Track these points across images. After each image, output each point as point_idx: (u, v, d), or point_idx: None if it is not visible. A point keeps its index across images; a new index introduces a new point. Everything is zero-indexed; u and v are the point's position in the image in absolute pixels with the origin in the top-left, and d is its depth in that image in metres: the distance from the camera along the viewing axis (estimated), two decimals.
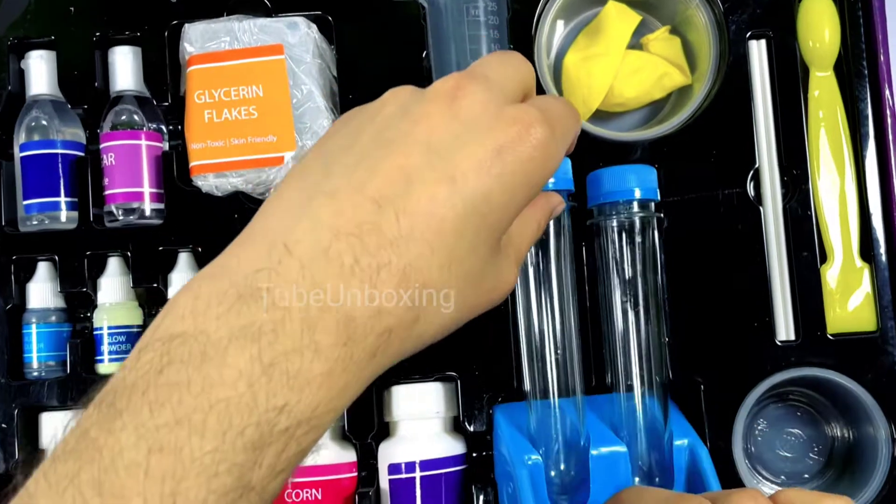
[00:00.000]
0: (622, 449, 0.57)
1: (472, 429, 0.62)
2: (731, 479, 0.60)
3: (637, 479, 0.59)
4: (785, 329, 0.62)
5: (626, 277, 0.59)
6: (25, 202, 0.63)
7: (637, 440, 0.59)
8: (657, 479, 0.59)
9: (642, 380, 0.59)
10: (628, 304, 0.59)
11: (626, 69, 0.65)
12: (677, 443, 0.58)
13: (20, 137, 0.63)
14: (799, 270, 0.62)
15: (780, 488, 0.46)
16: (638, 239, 0.60)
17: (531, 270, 0.59)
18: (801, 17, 0.64)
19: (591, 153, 0.63)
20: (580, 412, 0.59)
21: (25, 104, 0.64)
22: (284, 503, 0.60)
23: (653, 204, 0.60)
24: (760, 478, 0.64)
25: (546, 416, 0.59)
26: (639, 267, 0.59)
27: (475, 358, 0.62)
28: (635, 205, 0.59)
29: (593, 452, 0.57)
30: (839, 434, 0.64)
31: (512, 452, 0.58)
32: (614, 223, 0.60)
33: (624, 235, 0.60)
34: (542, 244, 0.58)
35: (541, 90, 0.63)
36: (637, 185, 0.58)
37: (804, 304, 0.62)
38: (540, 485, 0.57)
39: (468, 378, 0.62)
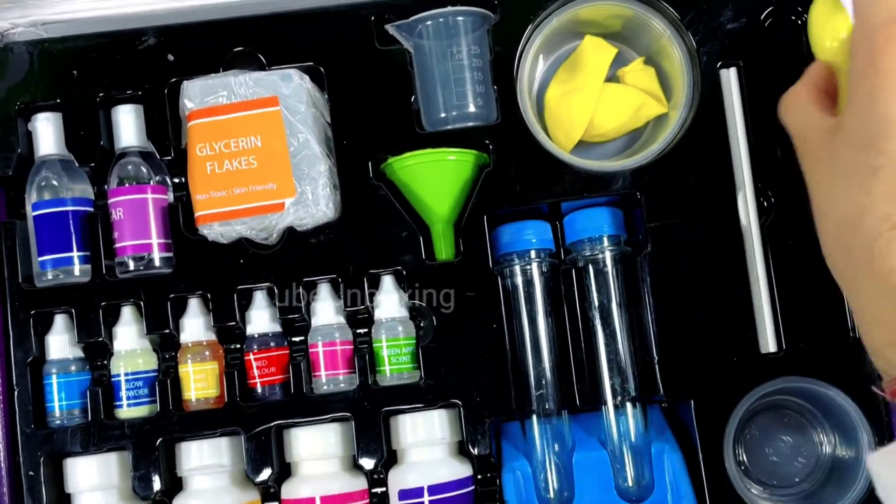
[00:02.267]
0: (603, 454, 0.64)
1: (476, 452, 0.64)
2: (722, 485, 0.63)
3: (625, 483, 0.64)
4: (768, 342, 0.65)
5: (594, 305, 0.66)
6: (40, 258, 0.66)
7: (617, 448, 0.64)
8: (642, 482, 0.64)
9: (615, 394, 0.65)
10: (598, 326, 0.66)
11: (605, 102, 0.68)
12: (655, 449, 0.64)
13: (32, 197, 0.66)
14: (779, 286, 0.65)
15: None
16: (600, 271, 0.66)
17: (524, 313, 0.66)
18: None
19: (574, 183, 0.66)
20: (566, 425, 0.66)
21: (35, 165, 0.67)
22: None
23: (614, 239, 0.66)
24: (751, 482, 0.67)
25: (532, 430, 0.65)
26: (598, 296, 0.66)
27: (475, 385, 0.65)
28: (597, 242, 0.66)
29: (577, 457, 0.64)
30: (825, 439, 0.67)
31: (503, 461, 0.65)
32: (580, 261, 0.67)
33: (590, 269, 0.67)
34: (528, 293, 0.66)
35: (522, 128, 0.66)
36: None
37: (786, 318, 0.65)
38: (528, 488, 0.64)
39: (470, 404, 0.65)
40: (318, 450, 0.64)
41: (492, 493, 0.65)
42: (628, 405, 0.65)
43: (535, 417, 0.65)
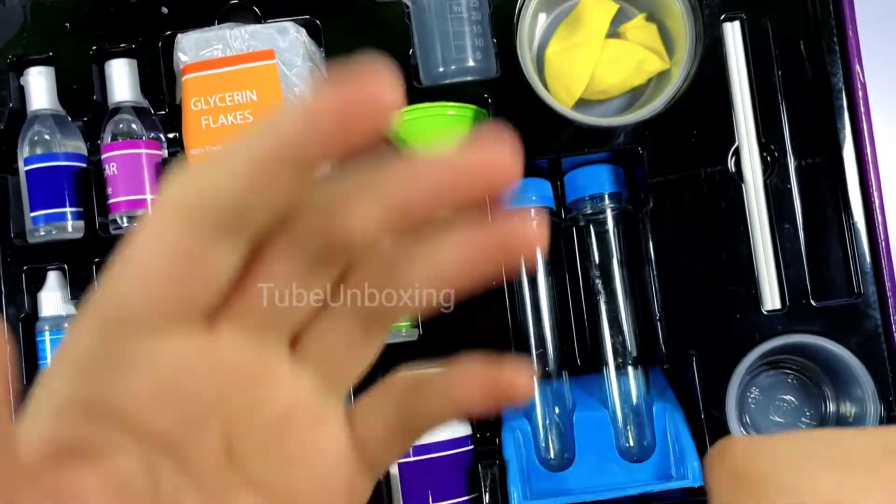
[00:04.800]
0: (604, 414, 0.64)
1: None
2: None
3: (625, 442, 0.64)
4: (771, 299, 0.64)
5: (595, 264, 0.66)
6: (32, 214, 0.65)
7: (619, 408, 0.64)
8: (644, 442, 0.64)
9: (617, 354, 0.65)
10: (599, 285, 0.66)
11: (606, 58, 0.67)
12: (657, 409, 0.64)
13: (24, 151, 0.65)
14: (781, 242, 0.64)
15: None
16: (601, 230, 0.66)
17: (523, 272, 0.65)
18: None
19: (575, 139, 0.65)
20: (567, 385, 0.65)
21: (27, 119, 0.66)
22: None
23: (616, 197, 0.66)
24: None
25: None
26: (600, 255, 0.66)
27: (476, 345, 0.63)
28: (598, 200, 0.66)
29: (577, 417, 0.64)
30: (829, 396, 0.66)
31: (503, 420, 0.64)
32: (581, 220, 0.67)
33: (591, 228, 0.67)
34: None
35: (521, 83, 0.65)
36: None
37: (788, 275, 0.64)
38: (528, 447, 0.63)
39: None
40: None
41: (491, 453, 0.64)
42: (629, 365, 0.64)
43: (534, 377, 0.64)
